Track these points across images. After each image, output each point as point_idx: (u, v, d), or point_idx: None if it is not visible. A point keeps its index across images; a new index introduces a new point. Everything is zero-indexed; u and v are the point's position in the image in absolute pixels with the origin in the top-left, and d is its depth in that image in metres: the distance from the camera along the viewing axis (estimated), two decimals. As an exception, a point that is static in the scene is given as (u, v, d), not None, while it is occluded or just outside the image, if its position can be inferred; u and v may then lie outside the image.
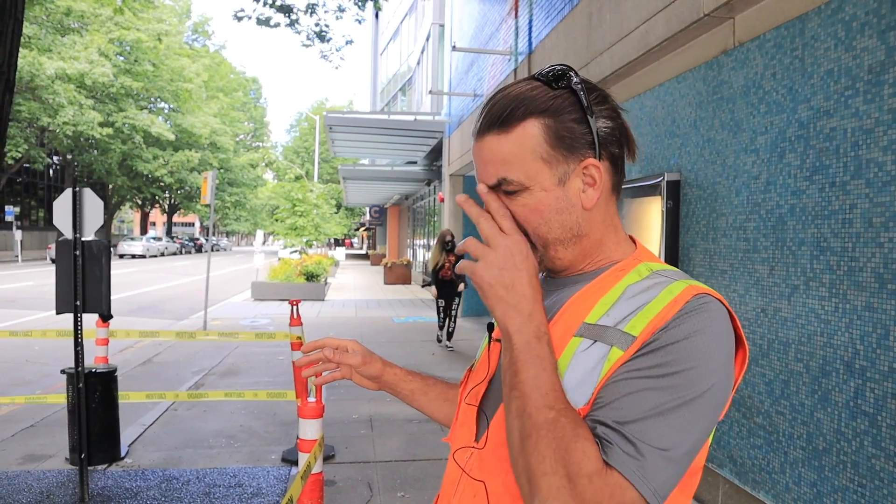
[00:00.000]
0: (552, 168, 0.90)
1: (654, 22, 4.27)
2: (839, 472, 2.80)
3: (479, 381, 1.03)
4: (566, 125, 0.89)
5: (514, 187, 0.90)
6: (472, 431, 1.00)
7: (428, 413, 1.26)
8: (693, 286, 0.86)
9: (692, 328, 0.81)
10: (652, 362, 0.79)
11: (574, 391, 0.83)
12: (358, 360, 1.17)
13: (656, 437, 0.75)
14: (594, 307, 0.90)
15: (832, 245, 2.87)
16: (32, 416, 5.70)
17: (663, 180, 4.18)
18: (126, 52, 34.34)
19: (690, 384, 0.78)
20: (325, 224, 22.47)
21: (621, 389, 0.79)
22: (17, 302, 14.03)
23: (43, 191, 41.07)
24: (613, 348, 0.83)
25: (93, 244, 3.99)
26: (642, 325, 0.82)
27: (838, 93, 2.84)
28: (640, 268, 0.93)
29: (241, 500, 4.03)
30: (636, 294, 0.88)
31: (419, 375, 1.25)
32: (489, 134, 0.90)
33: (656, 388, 0.77)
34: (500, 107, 0.90)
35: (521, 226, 0.92)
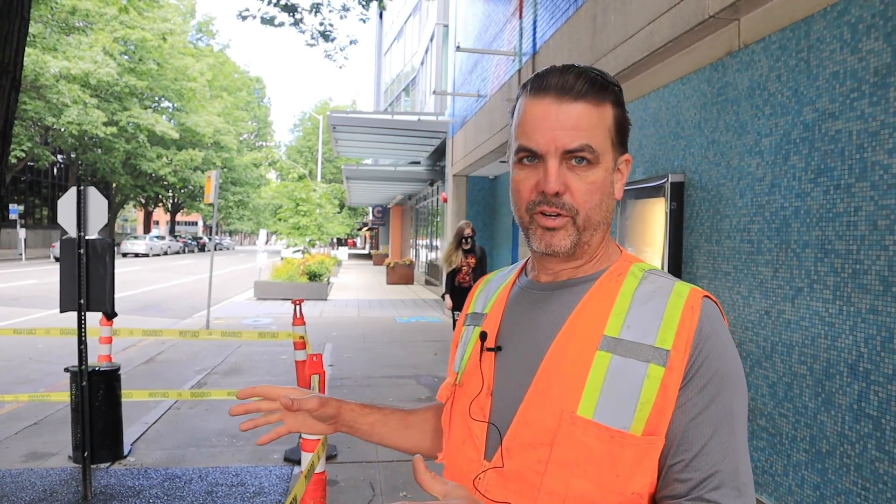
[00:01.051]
0: (613, 151, 0.94)
1: (659, 23, 4.27)
2: (843, 475, 2.80)
3: (475, 395, 0.98)
4: (624, 118, 0.96)
5: (591, 157, 0.90)
6: (479, 449, 0.95)
7: (390, 444, 1.17)
8: (695, 288, 0.91)
9: (723, 345, 0.87)
10: (708, 398, 0.84)
11: (614, 412, 0.84)
12: (314, 403, 1.05)
13: (744, 472, 0.84)
14: (609, 318, 0.89)
15: (836, 247, 2.87)
16: (36, 413, 5.71)
17: (667, 182, 4.17)
18: (130, 51, 34.39)
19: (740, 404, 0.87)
20: (327, 224, 22.48)
21: (700, 435, 0.84)
22: (20, 300, 14.07)
23: (47, 189, 41.17)
24: (651, 365, 0.85)
25: (97, 243, 3.99)
26: (671, 336, 0.85)
27: (844, 95, 2.84)
28: (633, 270, 0.96)
29: (244, 499, 4.03)
30: (646, 300, 0.90)
31: (376, 408, 1.16)
32: (582, 101, 0.90)
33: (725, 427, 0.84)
34: (591, 80, 0.91)
35: (575, 205, 0.91)
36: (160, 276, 23.20)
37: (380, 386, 6.94)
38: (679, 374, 0.84)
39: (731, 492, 0.81)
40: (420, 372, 7.66)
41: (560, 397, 0.87)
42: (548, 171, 0.90)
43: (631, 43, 4.72)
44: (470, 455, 0.96)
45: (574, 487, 0.85)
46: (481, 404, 0.97)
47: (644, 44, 4.50)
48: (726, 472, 0.82)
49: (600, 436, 0.84)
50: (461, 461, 0.98)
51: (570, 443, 0.85)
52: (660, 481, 0.85)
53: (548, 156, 0.90)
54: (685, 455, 0.82)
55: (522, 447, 0.89)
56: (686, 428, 0.83)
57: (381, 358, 8.54)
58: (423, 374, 7.49)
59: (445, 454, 1.05)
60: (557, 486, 0.86)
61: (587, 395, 0.86)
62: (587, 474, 0.84)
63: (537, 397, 0.90)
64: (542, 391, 0.89)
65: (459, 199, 13.64)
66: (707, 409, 0.83)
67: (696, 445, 0.82)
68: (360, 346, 9.47)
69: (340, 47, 10.22)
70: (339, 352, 8.87)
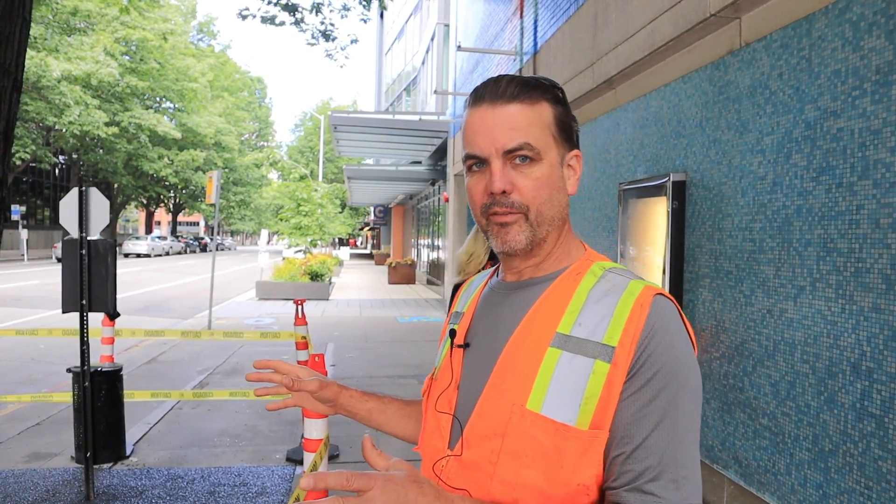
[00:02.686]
0: (558, 148, 0.98)
1: (660, 22, 4.27)
2: (845, 474, 2.79)
3: (444, 388, 1.04)
4: (566, 116, 0.99)
5: (533, 154, 0.94)
6: (444, 439, 1.01)
7: (387, 431, 1.25)
8: (649, 286, 0.93)
9: (671, 342, 0.88)
10: (651, 392, 0.86)
11: (561, 406, 0.88)
12: (315, 385, 1.14)
13: (685, 466, 0.85)
14: (563, 315, 0.94)
15: (839, 246, 2.86)
16: (38, 414, 5.72)
17: (669, 181, 4.17)
18: (132, 51, 34.43)
19: (687, 400, 0.88)
20: (329, 224, 22.48)
21: (640, 428, 0.85)
22: (22, 300, 14.08)
23: (49, 190, 41.22)
24: (597, 361, 0.88)
25: (99, 243, 4.00)
26: (618, 333, 0.88)
27: (846, 93, 2.83)
28: (593, 268, 0.99)
29: (246, 499, 4.04)
30: (600, 298, 0.93)
31: (375, 395, 1.24)
32: (514, 102, 0.95)
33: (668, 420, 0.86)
34: (520, 83, 0.96)
35: (524, 202, 0.95)
36: (162, 277, 23.22)
37: (382, 385, 6.94)
38: (624, 370, 0.87)
39: (669, 484, 0.84)
40: (422, 371, 7.66)
41: (512, 391, 0.92)
42: (493, 173, 0.94)
43: (632, 42, 4.72)
44: (436, 444, 1.02)
45: (523, 477, 0.89)
46: (448, 397, 1.03)
47: (645, 42, 4.49)
48: (665, 465, 0.84)
49: (547, 429, 0.88)
50: (429, 450, 1.04)
51: (519, 435, 0.90)
52: (605, 472, 0.88)
53: (491, 158, 0.95)
54: (626, 447, 0.85)
55: (479, 438, 0.94)
56: (629, 422, 0.86)
57: (383, 358, 8.54)
58: (424, 374, 7.49)
59: (420, 443, 1.11)
60: (508, 475, 0.90)
61: (536, 389, 0.90)
62: (535, 465, 0.88)
63: (493, 391, 0.95)
64: (498, 385, 0.95)
65: (461, 199, 13.63)
66: (650, 403, 0.86)
67: (637, 438, 0.85)
68: (362, 345, 9.48)
69: (341, 46, 10.21)
70: (341, 351, 8.87)
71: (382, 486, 0.73)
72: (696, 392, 0.89)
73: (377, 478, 0.74)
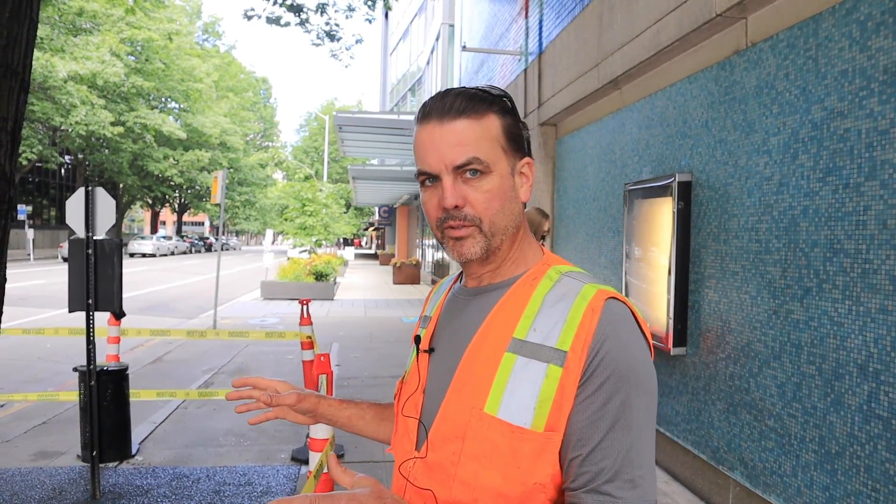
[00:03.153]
0: (507, 158, 0.99)
1: (666, 22, 4.26)
2: (852, 476, 2.78)
3: (411, 393, 1.08)
4: (514, 125, 1.01)
5: (482, 168, 0.96)
6: (412, 441, 1.04)
7: (367, 435, 1.29)
8: (602, 290, 0.94)
9: (623, 345, 0.90)
10: (604, 396, 0.88)
11: (516, 410, 0.91)
12: (293, 399, 1.17)
13: (640, 466, 0.88)
14: (519, 321, 0.96)
15: (846, 247, 2.85)
16: (45, 413, 5.74)
17: (674, 181, 4.16)
18: (137, 51, 34.54)
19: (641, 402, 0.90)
20: (334, 224, 22.51)
21: (595, 431, 0.87)
22: (29, 300, 14.14)
23: (55, 190, 41.37)
24: (550, 366, 0.90)
25: (105, 243, 4.01)
26: (570, 338, 0.90)
27: (853, 93, 2.82)
28: (550, 273, 1.01)
29: (251, 498, 4.05)
30: (555, 303, 0.95)
31: (353, 402, 1.28)
32: (460, 118, 0.96)
33: (622, 422, 0.88)
34: (466, 97, 0.97)
35: (476, 214, 0.97)
36: (167, 276, 23.29)
37: (386, 385, 6.94)
38: (576, 374, 0.89)
39: (625, 484, 0.86)
40: (426, 372, 7.65)
41: (471, 395, 0.95)
42: (444, 189, 0.97)
43: (637, 42, 4.71)
44: (405, 447, 1.06)
45: (481, 478, 0.92)
46: (415, 401, 1.06)
47: (651, 42, 4.48)
48: (621, 466, 0.86)
49: (503, 431, 0.91)
50: (399, 452, 1.08)
51: (477, 437, 0.93)
52: (563, 473, 0.91)
53: (442, 174, 0.97)
54: (583, 450, 0.88)
55: (441, 440, 0.98)
56: (584, 425, 0.88)
57: (388, 358, 8.54)
58: (429, 374, 7.49)
59: (392, 445, 1.15)
60: (468, 476, 0.93)
61: (493, 393, 0.93)
62: (493, 466, 0.91)
63: (454, 395, 0.98)
64: (458, 390, 0.98)
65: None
66: (604, 407, 0.88)
67: (592, 441, 0.87)
68: (367, 345, 9.48)
69: (346, 47, 10.22)
70: (346, 351, 8.88)
71: None
72: (651, 393, 0.92)
73: (341, 498, 0.77)
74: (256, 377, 1.21)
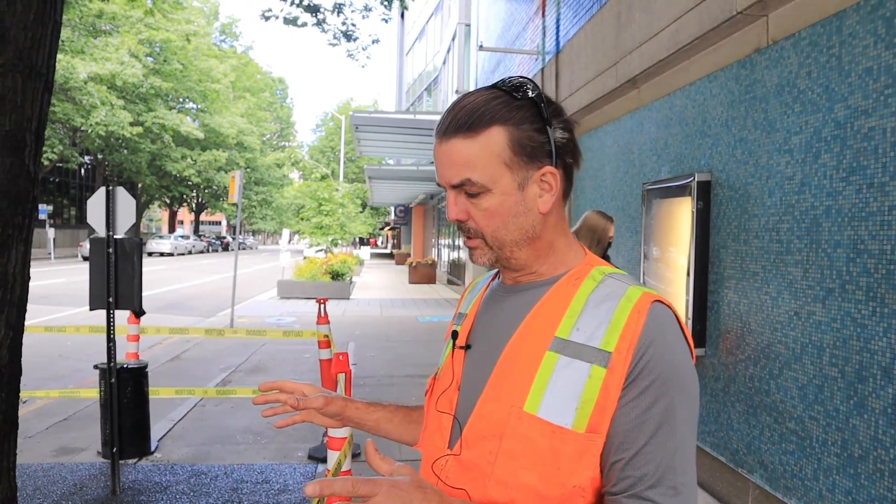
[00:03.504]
0: (513, 173, 0.95)
1: (686, 20, 4.22)
2: (876, 481, 2.74)
3: (445, 388, 1.07)
4: (527, 134, 0.94)
5: (476, 189, 0.95)
6: (444, 439, 1.03)
7: (395, 438, 1.27)
8: (648, 293, 0.94)
9: (668, 349, 0.89)
10: (649, 400, 0.87)
11: (557, 409, 0.89)
12: (320, 402, 1.16)
13: (683, 472, 0.86)
14: (562, 320, 0.95)
15: (870, 247, 2.81)
16: (66, 409, 5.82)
17: (694, 181, 4.12)
18: (155, 52, 34.88)
19: (685, 407, 0.89)
20: (350, 223, 22.57)
21: (639, 435, 0.86)
22: (50, 298, 14.33)
23: (75, 190, 41.90)
24: (594, 366, 0.89)
25: (125, 242, 4.05)
26: (614, 339, 0.89)
27: (877, 91, 2.78)
28: (593, 273, 1.00)
29: (269, 496, 4.07)
30: (599, 303, 0.94)
31: (381, 405, 1.26)
32: (456, 137, 0.94)
33: (666, 427, 0.87)
34: (468, 112, 0.94)
35: (479, 229, 0.98)
36: (185, 275, 23.50)
37: (402, 385, 6.95)
38: (621, 376, 0.88)
39: (668, 490, 0.85)
40: (442, 371, 7.66)
41: (510, 393, 0.94)
42: (448, 204, 0.99)
43: (656, 40, 4.67)
44: (437, 444, 1.04)
45: (519, 478, 0.90)
46: (449, 397, 1.05)
47: (670, 41, 4.45)
48: (664, 472, 0.85)
49: (543, 431, 0.89)
50: (429, 449, 1.06)
51: (516, 436, 0.91)
52: (603, 477, 0.89)
53: (446, 189, 0.98)
54: (625, 454, 0.86)
55: (477, 438, 0.96)
56: (627, 428, 0.87)
57: (404, 357, 8.56)
58: (445, 374, 7.49)
59: (420, 441, 1.13)
60: (505, 475, 0.92)
61: (534, 392, 0.92)
62: (532, 466, 0.90)
63: (492, 392, 0.97)
64: (496, 387, 0.96)
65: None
66: (648, 410, 0.87)
67: (635, 445, 0.86)
68: (383, 344, 9.50)
69: (363, 47, 10.26)
70: (362, 350, 8.91)
71: (387, 492, 0.75)
72: (694, 399, 0.91)
73: (382, 483, 0.76)
74: (283, 380, 1.21)
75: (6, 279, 2.44)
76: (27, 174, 2.46)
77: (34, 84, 2.40)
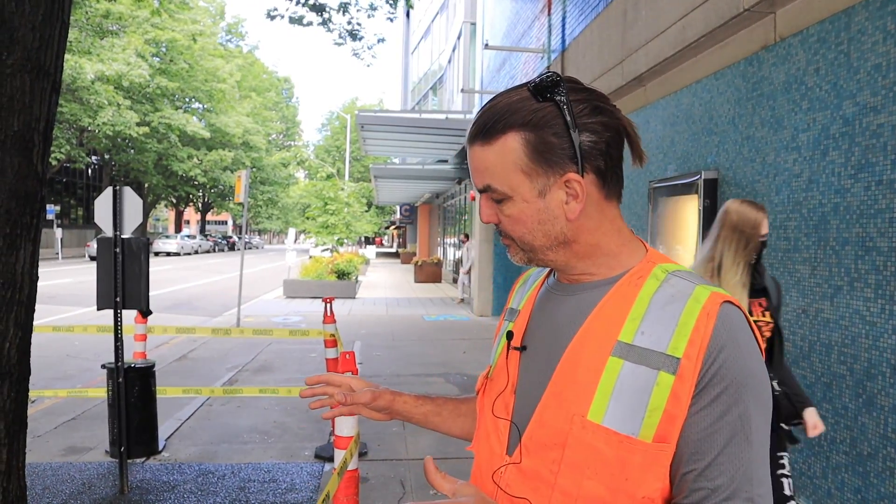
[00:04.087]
0: (532, 180, 0.91)
1: (692, 18, 4.20)
2: (885, 479, 2.73)
3: (500, 391, 1.02)
4: (546, 140, 0.89)
5: (497, 196, 0.93)
6: (502, 444, 0.99)
7: (444, 431, 1.25)
8: (716, 293, 0.88)
9: (740, 353, 0.84)
10: (722, 408, 0.83)
11: (623, 418, 0.85)
12: (367, 397, 1.15)
13: (759, 484, 0.83)
14: (625, 323, 0.90)
15: (878, 245, 2.79)
16: (74, 409, 5.84)
17: (700, 178, 4.11)
18: (162, 52, 34.99)
19: (759, 414, 0.85)
20: (355, 222, 22.62)
21: (712, 444, 0.83)
22: (57, 298, 14.40)
23: (82, 190, 42.07)
24: (661, 373, 0.84)
25: (132, 242, 4.07)
26: (683, 344, 0.84)
27: (886, 88, 2.76)
28: (656, 272, 0.94)
29: (276, 495, 4.08)
30: (664, 305, 0.88)
31: (429, 398, 1.24)
32: (475, 143, 0.93)
33: (740, 436, 0.83)
34: (486, 118, 0.92)
35: (508, 233, 0.97)
36: (191, 275, 23.57)
37: (409, 384, 6.96)
38: (691, 382, 0.83)
39: (744, 503, 0.81)
40: (449, 370, 7.66)
41: (572, 401, 0.90)
42: (480, 206, 0.98)
43: (663, 38, 4.66)
44: (494, 449, 1.00)
45: (585, 488, 0.87)
46: (505, 401, 1.01)
47: (676, 39, 4.43)
48: (739, 483, 0.82)
49: (609, 440, 0.86)
50: (485, 453, 1.03)
51: (580, 446, 0.88)
52: (673, 488, 0.86)
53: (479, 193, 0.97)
54: (697, 464, 0.83)
55: (538, 447, 0.92)
56: (699, 437, 0.83)
57: (410, 356, 8.56)
58: (451, 373, 7.50)
59: (474, 444, 1.09)
60: (570, 486, 0.88)
61: (598, 400, 0.87)
62: (598, 476, 0.86)
63: (552, 399, 0.92)
64: (557, 394, 0.92)
65: (487, 198, 13.57)
66: (721, 419, 0.83)
67: (708, 455, 0.82)
68: (389, 344, 9.51)
69: (368, 46, 10.24)
70: (368, 350, 8.91)
71: None
72: (767, 406, 0.86)
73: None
74: (329, 374, 1.18)
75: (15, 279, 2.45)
76: (35, 174, 2.47)
77: (42, 84, 2.41)
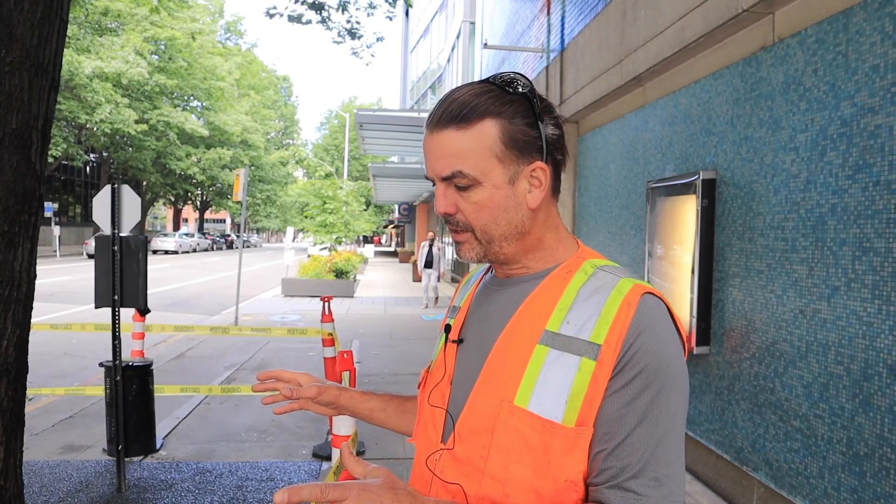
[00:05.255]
0: (504, 167, 0.94)
1: (691, 18, 4.21)
2: (882, 479, 2.73)
3: (437, 382, 1.06)
4: (520, 128, 0.94)
5: (467, 182, 0.94)
6: (438, 433, 1.03)
7: (389, 427, 1.28)
8: (639, 284, 0.93)
9: (657, 340, 0.88)
10: (635, 391, 0.86)
11: (548, 403, 0.89)
12: (313, 392, 1.18)
13: (667, 464, 0.86)
14: (552, 313, 0.94)
15: (875, 245, 2.80)
16: (71, 407, 5.84)
17: (698, 179, 4.12)
18: (160, 50, 34.94)
19: (672, 399, 0.88)
20: (354, 221, 22.60)
21: (623, 425, 0.86)
22: (55, 296, 14.37)
23: (80, 188, 42.00)
24: (583, 359, 0.88)
25: (130, 240, 4.06)
26: (604, 332, 0.88)
27: (884, 89, 2.77)
28: (585, 266, 0.99)
29: (273, 493, 4.08)
30: (589, 296, 0.93)
31: (376, 395, 1.27)
32: (448, 128, 0.93)
33: (651, 419, 0.86)
34: (460, 104, 0.93)
35: (468, 222, 0.97)
36: (189, 273, 23.55)
37: (407, 383, 6.96)
38: (609, 367, 0.87)
39: (650, 481, 0.84)
40: (446, 369, 7.66)
41: (501, 387, 0.93)
42: (436, 197, 0.98)
43: (661, 38, 4.66)
44: (430, 437, 1.04)
45: (513, 472, 0.90)
46: (442, 391, 1.05)
47: (675, 39, 4.44)
48: (646, 463, 0.85)
49: (533, 425, 0.89)
50: (423, 442, 1.06)
51: (507, 430, 0.91)
52: (588, 468, 0.89)
53: (435, 181, 0.98)
54: (608, 444, 0.86)
55: (470, 432, 0.96)
56: (612, 418, 0.86)
57: (408, 355, 8.57)
58: (449, 372, 7.49)
59: (414, 436, 1.13)
60: (499, 470, 0.91)
61: (524, 386, 0.91)
62: (524, 461, 0.89)
63: (483, 387, 0.96)
64: (487, 381, 0.96)
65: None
66: (633, 401, 0.86)
67: (618, 436, 0.86)
68: (387, 342, 9.51)
69: (367, 45, 10.22)
70: (367, 349, 8.92)
71: (357, 495, 0.74)
72: (682, 392, 0.89)
73: (352, 487, 0.75)
74: (279, 370, 1.22)
75: (13, 277, 2.45)
76: (33, 172, 2.47)
77: (41, 82, 2.41)
